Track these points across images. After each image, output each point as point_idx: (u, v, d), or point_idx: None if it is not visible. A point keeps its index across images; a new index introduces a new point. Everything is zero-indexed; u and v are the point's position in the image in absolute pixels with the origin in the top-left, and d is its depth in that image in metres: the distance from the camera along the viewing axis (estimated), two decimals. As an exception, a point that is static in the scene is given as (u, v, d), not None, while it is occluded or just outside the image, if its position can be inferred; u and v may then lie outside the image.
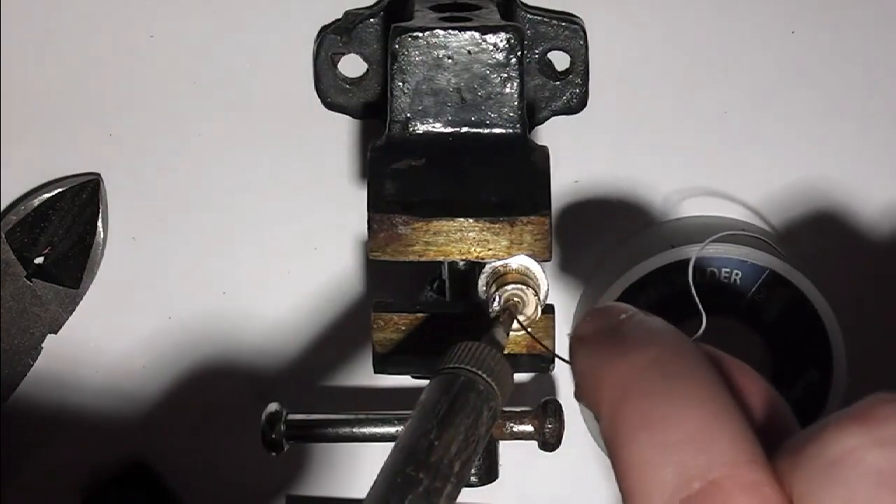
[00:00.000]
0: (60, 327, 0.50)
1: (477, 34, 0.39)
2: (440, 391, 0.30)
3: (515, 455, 0.49)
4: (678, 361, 0.26)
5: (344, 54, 0.48)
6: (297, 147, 0.50)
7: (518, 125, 0.40)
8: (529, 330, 0.37)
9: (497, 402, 0.30)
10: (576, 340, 0.28)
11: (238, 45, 0.50)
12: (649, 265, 0.46)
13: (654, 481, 0.24)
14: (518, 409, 0.43)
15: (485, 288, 0.37)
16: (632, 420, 0.25)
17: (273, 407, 0.44)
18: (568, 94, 0.48)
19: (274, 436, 0.43)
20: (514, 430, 0.43)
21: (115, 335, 0.51)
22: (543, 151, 0.39)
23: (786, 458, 0.23)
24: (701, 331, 0.30)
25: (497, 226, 0.37)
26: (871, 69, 0.50)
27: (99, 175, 0.50)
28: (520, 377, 0.50)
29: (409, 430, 0.29)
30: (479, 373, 0.30)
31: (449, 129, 0.40)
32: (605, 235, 0.51)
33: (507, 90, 0.39)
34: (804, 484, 0.23)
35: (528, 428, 0.43)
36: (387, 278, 0.50)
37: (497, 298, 0.36)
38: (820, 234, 0.51)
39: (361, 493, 0.28)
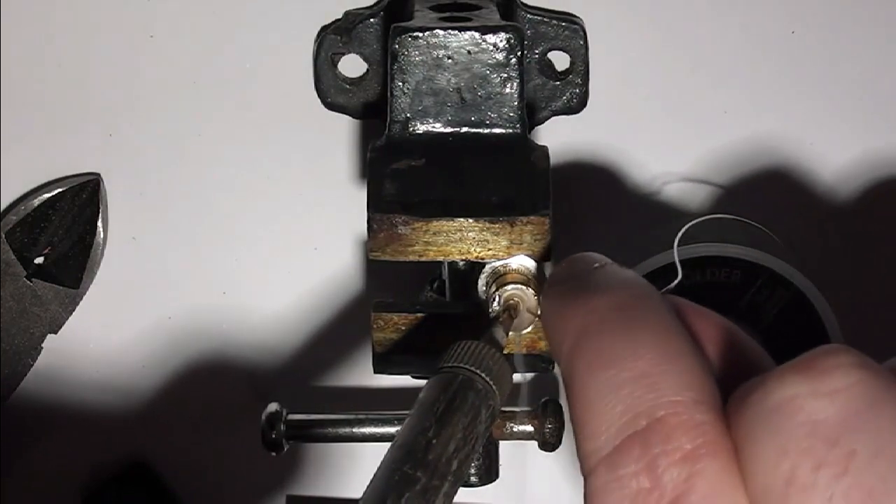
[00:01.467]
0: (60, 327, 0.50)
1: (477, 34, 0.39)
2: (439, 389, 0.30)
3: (515, 455, 0.49)
4: (638, 305, 0.26)
5: (344, 54, 0.48)
6: (297, 147, 0.50)
7: (518, 125, 0.40)
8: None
9: (496, 400, 0.30)
10: (547, 286, 0.29)
11: (238, 45, 0.50)
12: (650, 265, 0.46)
13: (604, 417, 0.24)
14: (518, 409, 0.43)
15: (484, 288, 0.37)
16: (587, 358, 0.25)
17: (273, 407, 0.44)
18: (568, 94, 0.48)
19: (274, 435, 0.43)
20: (514, 430, 0.43)
21: (115, 335, 0.51)
22: (543, 151, 0.39)
23: (733, 403, 0.24)
24: (674, 283, 0.31)
25: (497, 226, 0.37)
26: (871, 69, 0.50)
27: (99, 175, 0.50)
28: (519, 377, 0.50)
29: (408, 428, 0.29)
30: (478, 372, 0.30)
31: (449, 129, 0.40)
32: (605, 235, 0.51)
33: (507, 90, 0.39)
34: (743, 430, 0.23)
35: (528, 428, 0.43)
36: (387, 278, 0.50)
37: (497, 298, 0.36)
38: (822, 234, 0.51)
39: (361, 493, 0.28)
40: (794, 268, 0.46)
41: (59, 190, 0.50)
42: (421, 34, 0.39)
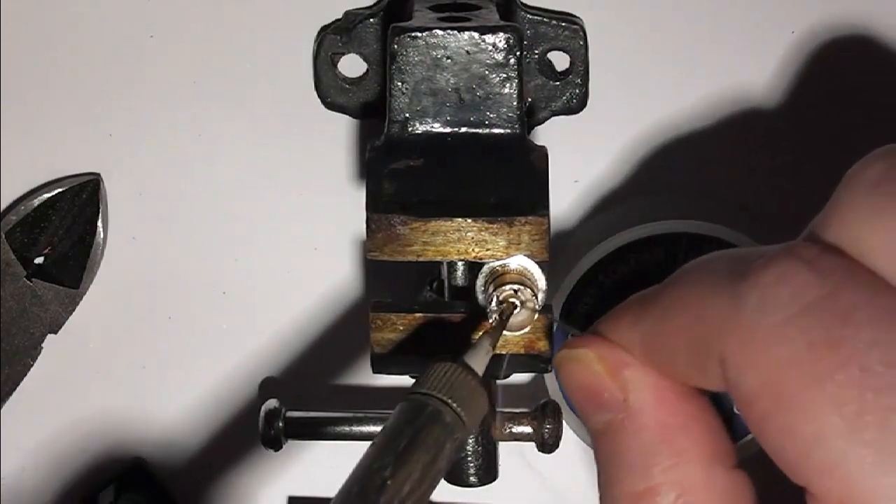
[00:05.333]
0: (60, 327, 0.50)
1: (476, 34, 0.39)
2: (404, 421, 0.29)
3: (515, 455, 0.49)
4: None
5: (344, 54, 0.48)
6: (297, 147, 0.50)
7: (517, 125, 0.40)
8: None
9: (464, 431, 0.30)
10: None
11: (238, 45, 0.50)
12: (628, 236, 0.46)
13: None
14: (517, 411, 0.43)
15: (483, 288, 0.37)
16: None
17: (272, 403, 0.44)
18: (568, 94, 0.48)
19: (272, 432, 0.43)
20: (513, 431, 0.43)
21: (115, 335, 0.51)
22: (542, 152, 0.39)
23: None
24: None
25: (495, 226, 0.37)
26: (871, 70, 0.50)
27: (99, 175, 0.50)
28: (518, 378, 0.50)
29: (366, 463, 0.28)
30: (449, 401, 0.30)
31: (447, 129, 0.40)
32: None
33: (506, 90, 0.39)
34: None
35: (527, 429, 0.43)
36: (386, 278, 0.50)
37: (495, 298, 0.36)
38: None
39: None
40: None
41: (59, 190, 0.50)
42: (420, 34, 0.39)
